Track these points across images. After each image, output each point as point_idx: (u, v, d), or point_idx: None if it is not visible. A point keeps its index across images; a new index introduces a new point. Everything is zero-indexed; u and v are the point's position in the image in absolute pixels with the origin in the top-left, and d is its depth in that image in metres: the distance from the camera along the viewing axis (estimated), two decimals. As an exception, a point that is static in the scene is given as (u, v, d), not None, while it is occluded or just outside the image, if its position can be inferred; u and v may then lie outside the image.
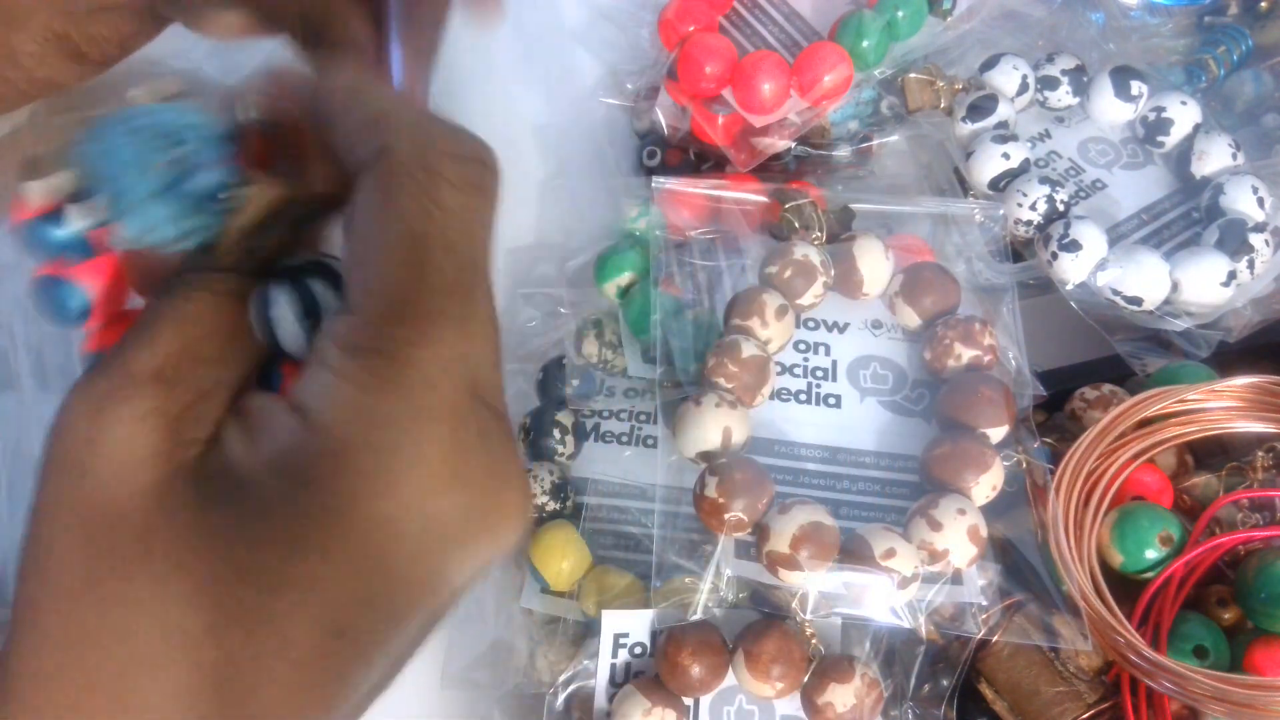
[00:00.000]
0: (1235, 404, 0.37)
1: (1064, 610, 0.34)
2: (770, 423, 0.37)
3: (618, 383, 0.42)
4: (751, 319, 0.36)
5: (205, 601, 0.18)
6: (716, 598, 0.34)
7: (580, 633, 0.37)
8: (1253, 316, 0.41)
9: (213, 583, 0.18)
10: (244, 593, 0.18)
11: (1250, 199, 0.42)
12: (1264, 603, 0.33)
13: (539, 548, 0.38)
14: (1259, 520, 0.35)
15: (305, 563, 0.18)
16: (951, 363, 0.37)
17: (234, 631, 0.18)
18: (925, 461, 0.35)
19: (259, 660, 0.18)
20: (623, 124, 0.50)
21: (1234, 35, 0.49)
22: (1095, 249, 0.41)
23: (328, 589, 0.18)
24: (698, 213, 0.41)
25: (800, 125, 0.45)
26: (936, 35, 0.47)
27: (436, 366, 0.18)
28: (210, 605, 0.18)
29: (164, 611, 0.18)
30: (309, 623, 0.18)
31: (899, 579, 0.32)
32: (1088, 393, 0.39)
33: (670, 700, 0.33)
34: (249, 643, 0.18)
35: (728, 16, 0.47)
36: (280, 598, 0.18)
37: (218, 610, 0.18)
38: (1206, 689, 0.31)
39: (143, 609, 0.18)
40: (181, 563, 0.18)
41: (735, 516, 0.33)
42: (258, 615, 0.18)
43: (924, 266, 0.38)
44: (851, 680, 0.32)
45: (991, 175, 0.43)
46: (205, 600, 0.18)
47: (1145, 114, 0.45)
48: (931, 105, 0.46)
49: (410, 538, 0.18)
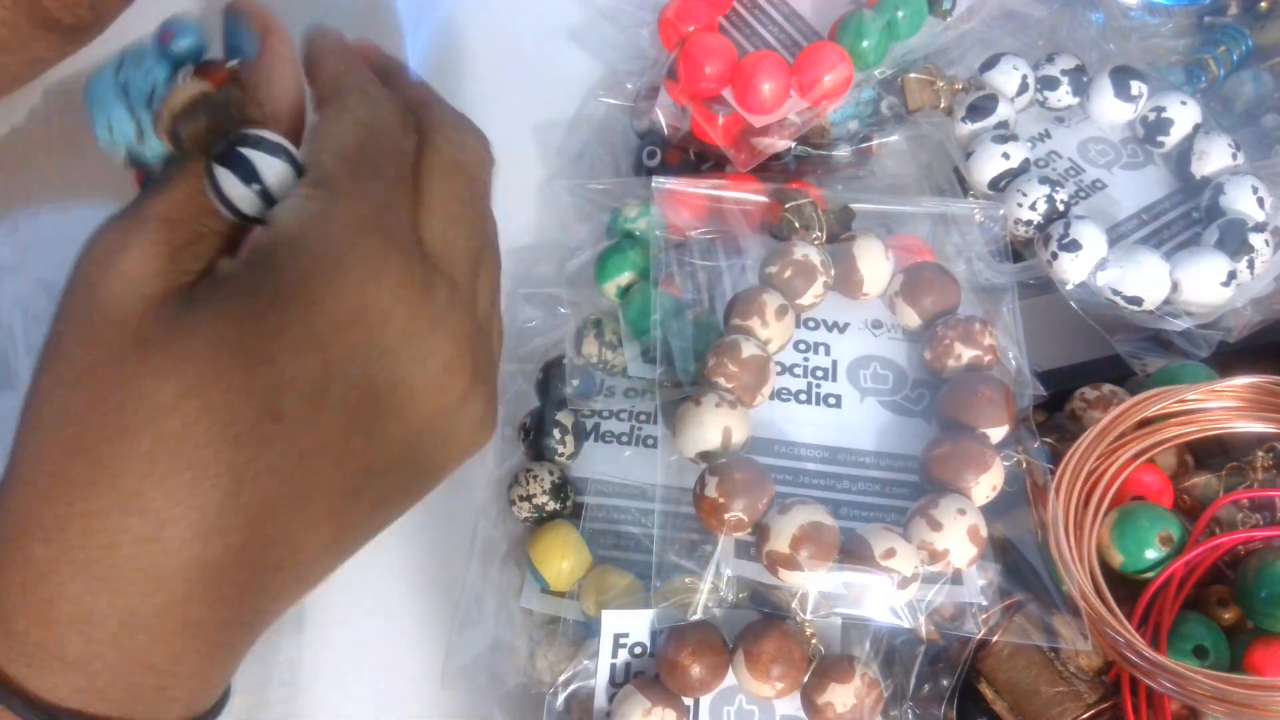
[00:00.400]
0: (1235, 404, 0.37)
1: (1064, 610, 0.34)
2: (770, 423, 0.37)
3: (618, 383, 0.42)
4: (751, 319, 0.36)
5: (191, 380, 0.21)
6: (716, 598, 0.34)
7: (580, 633, 0.37)
8: (1253, 316, 0.41)
9: (197, 360, 0.21)
10: (223, 366, 0.21)
11: (1250, 199, 0.42)
12: (1264, 602, 0.33)
13: (539, 548, 0.38)
14: (1259, 520, 0.35)
15: (254, 337, 0.21)
16: (951, 363, 0.37)
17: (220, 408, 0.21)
18: (925, 461, 0.35)
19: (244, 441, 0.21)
20: (623, 124, 0.50)
21: (1234, 35, 0.49)
22: (1095, 249, 0.41)
23: (272, 368, 0.21)
24: (698, 213, 0.41)
25: (800, 125, 0.45)
26: (936, 35, 0.47)
27: (382, 194, 0.23)
28: (195, 379, 0.21)
29: (156, 391, 0.21)
30: (256, 401, 0.21)
31: (899, 579, 0.32)
32: (1088, 393, 0.39)
33: (670, 700, 0.33)
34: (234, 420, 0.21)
35: (727, 17, 0.47)
36: (240, 371, 0.21)
37: (204, 381, 0.21)
38: (1206, 689, 0.31)
39: (138, 394, 0.21)
40: (170, 349, 0.21)
41: (735, 516, 0.33)
42: (238, 383, 0.21)
43: (924, 266, 0.38)
44: (851, 680, 0.32)
45: (991, 175, 0.43)
46: (191, 378, 0.21)
47: (1145, 114, 0.45)
48: (931, 105, 0.46)
49: (352, 321, 0.22)
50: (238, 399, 0.21)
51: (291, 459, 0.21)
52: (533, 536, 0.38)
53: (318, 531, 0.23)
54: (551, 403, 0.42)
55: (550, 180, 0.50)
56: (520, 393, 0.43)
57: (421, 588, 0.42)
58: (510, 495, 0.39)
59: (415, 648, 0.41)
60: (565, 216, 0.48)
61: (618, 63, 0.51)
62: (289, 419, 0.21)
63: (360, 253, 0.22)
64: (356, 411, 0.22)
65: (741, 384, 0.35)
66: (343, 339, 0.22)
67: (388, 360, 0.23)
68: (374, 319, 0.22)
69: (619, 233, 0.42)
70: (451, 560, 0.42)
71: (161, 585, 0.21)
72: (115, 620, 0.21)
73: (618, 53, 0.52)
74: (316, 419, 0.22)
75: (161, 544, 0.21)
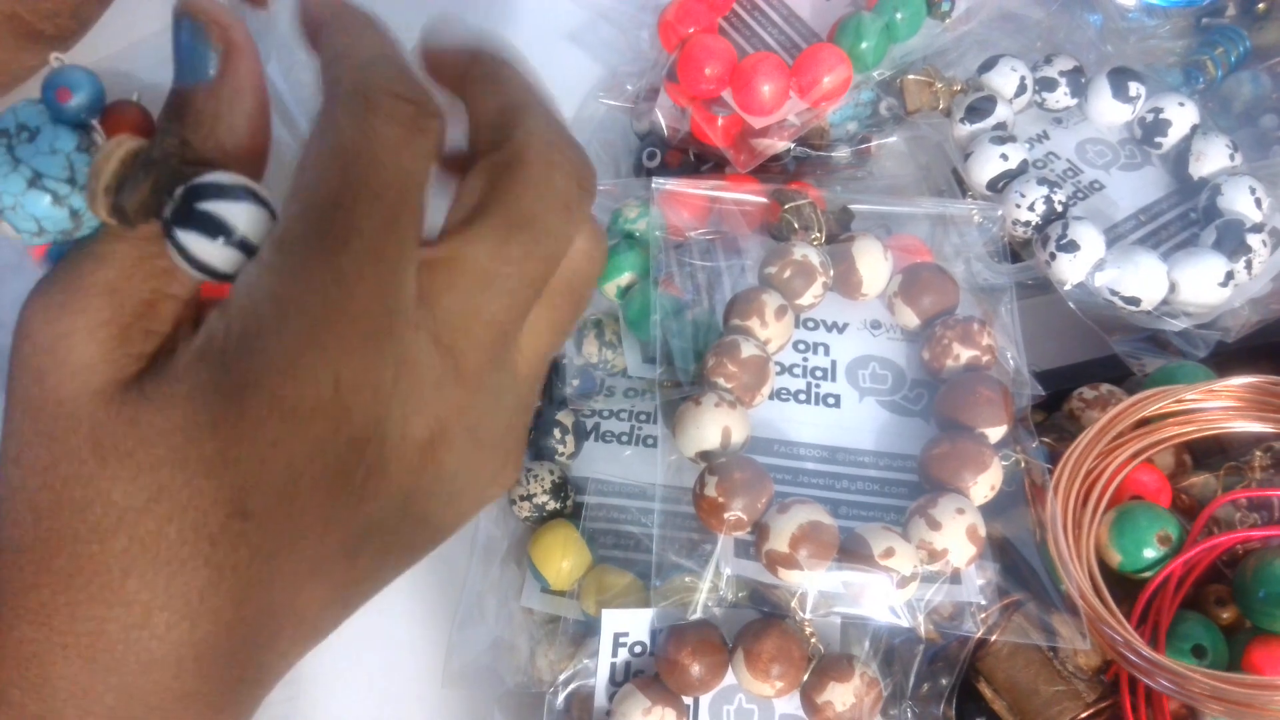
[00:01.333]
0: (1233, 404, 0.37)
1: (1062, 609, 0.34)
2: (770, 422, 0.37)
3: (618, 383, 0.42)
4: (751, 319, 0.36)
5: (157, 487, 0.20)
6: (716, 597, 0.34)
7: (580, 632, 0.37)
8: (1250, 316, 0.41)
9: (161, 467, 0.20)
10: (189, 472, 0.20)
11: (1248, 199, 0.42)
12: (1262, 602, 0.33)
13: (539, 547, 0.38)
14: (1257, 520, 0.35)
15: (216, 441, 0.20)
16: (950, 363, 0.37)
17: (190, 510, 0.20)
18: (924, 461, 0.35)
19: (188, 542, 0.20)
20: (622, 125, 0.50)
21: (1231, 36, 0.49)
22: (1093, 249, 0.41)
23: (237, 469, 0.20)
24: (697, 213, 0.41)
25: (799, 126, 0.45)
26: (935, 37, 0.47)
27: (353, 266, 0.20)
28: (161, 486, 0.20)
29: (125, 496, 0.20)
30: (224, 503, 0.20)
31: (898, 578, 0.32)
32: (1086, 393, 0.39)
33: (670, 699, 0.33)
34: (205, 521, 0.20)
35: (727, 18, 0.48)
36: (205, 477, 0.20)
37: (172, 487, 0.20)
38: (1205, 688, 0.31)
39: (105, 498, 0.20)
40: (132, 456, 0.20)
41: (735, 516, 0.33)
42: (204, 488, 0.20)
43: (923, 267, 0.38)
44: (851, 679, 0.32)
45: (990, 176, 0.43)
46: (156, 486, 0.20)
47: (1143, 115, 0.45)
48: (930, 106, 0.46)
49: (312, 414, 0.20)
50: (206, 502, 0.20)
51: (267, 549, 0.21)
52: (533, 536, 0.38)
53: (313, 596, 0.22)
54: (551, 403, 0.42)
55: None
56: (520, 393, 0.44)
57: (422, 587, 0.42)
58: (510, 495, 0.40)
59: (415, 647, 0.41)
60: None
61: (617, 64, 0.51)
62: (258, 515, 0.20)
63: (321, 342, 0.20)
64: (330, 493, 0.21)
65: (741, 384, 0.35)
66: (305, 432, 0.20)
67: (357, 445, 0.21)
68: (336, 412, 0.20)
69: (619, 233, 0.42)
70: (452, 560, 0.42)
71: (154, 665, 0.21)
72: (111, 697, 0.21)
73: (617, 54, 0.52)
74: (289, 509, 0.21)
75: (149, 629, 0.20)
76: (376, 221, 0.20)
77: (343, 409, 0.20)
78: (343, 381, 0.20)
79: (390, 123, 0.20)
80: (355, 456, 0.21)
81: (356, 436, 0.21)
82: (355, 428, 0.21)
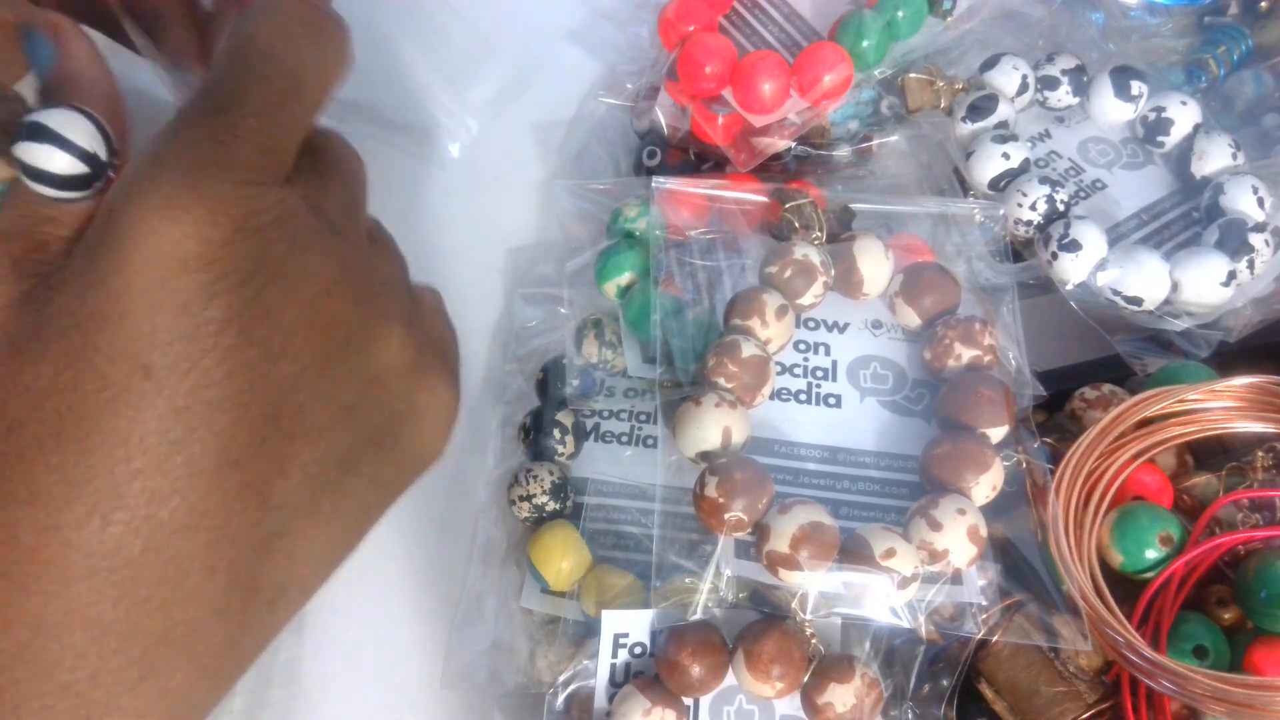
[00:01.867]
0: (1235, 404, 0.37)
1: (1064, 610, 0.34)
2: (770, 423, 0.37)
3: (618, 383, 0.42)
4: (751, 319, 0.36)
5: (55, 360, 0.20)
6: (716, 598, 0.34)
7: (580, 633, 0.37)
8: (1253, 316, 0.41)
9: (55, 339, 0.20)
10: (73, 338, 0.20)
11: (1250, 199, 0.42)
12: (1264, 602, 0.33)
13: (539, 548, 0.38)
14: (1259, 520, 0.35)
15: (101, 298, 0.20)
16: (951, 363, 0.37)
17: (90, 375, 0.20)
18: (925, 461, 0.35)
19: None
20: (623, 124, 0.50)
21: (1234, 35, 0.49)
22: (1095, 249, 0.41)
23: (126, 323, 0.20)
24: (698, 213, 0.41)
25: (800, 125, 0.45)
26: (936, 35, 0.47)
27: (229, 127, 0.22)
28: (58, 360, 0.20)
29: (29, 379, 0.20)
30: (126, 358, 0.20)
31: (899, 579, 0.32)
32: (1088, 393, 0.39)
33: (670, 700, 0.33)
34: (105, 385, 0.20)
35: (728, 16, 0.47)
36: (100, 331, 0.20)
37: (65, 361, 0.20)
38: (1206, 689, 0.31)
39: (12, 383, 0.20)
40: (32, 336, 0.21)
41: (735, 516, 0.33)
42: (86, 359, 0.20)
43: (924, 266, 0.38)
44: (851, 680, 0.32)
45: (991, 175, 0.43)
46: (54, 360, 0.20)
47: (1145, 114, 0.45)
48: (931, 105, 0.46)
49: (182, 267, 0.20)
50: (104, 363, 0.20)
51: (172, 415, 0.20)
52: (533, 536, 0.38)
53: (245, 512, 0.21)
54: (551, 403, 0.42)
55: (550, 180, 0.50)
56: (520, 393, 0.43)
57: (421, 588, 0.42)
58: (510, 495, 0.39)
59: (415, 648, 0.41)
60: (565, 216, 0.48)
61: (617, 62, 0.51)
62: (158, 372, 0.20)
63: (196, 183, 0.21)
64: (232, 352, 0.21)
65: (741, 384, 0.35)
66: (191, 280, 0.20)
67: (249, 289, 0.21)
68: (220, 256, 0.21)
69: (619, 233, 0.42)
70: (451, 560, 0.42)
71: (65, 582, 0.20)
72: (20, 626, 0.19)
73: (617, 52, 0.52)
74: (190, 367, 0.20)
75: (58, 530, 0.20)
76: (263, 97, 0.22)
77: (226, 242, 0.21)
78: (225, 218, 0.21)
79: (290, 21, 0.23)
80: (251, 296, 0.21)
81: (246, 274, 0.21)
82: (244, 265, 0.21)
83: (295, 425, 0.22)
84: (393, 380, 0.24)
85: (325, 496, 0.23)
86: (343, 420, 0.23)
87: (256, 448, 0.21)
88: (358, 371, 0.23)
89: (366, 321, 0.24)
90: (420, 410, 0.25)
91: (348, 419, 0.23)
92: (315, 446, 0.22)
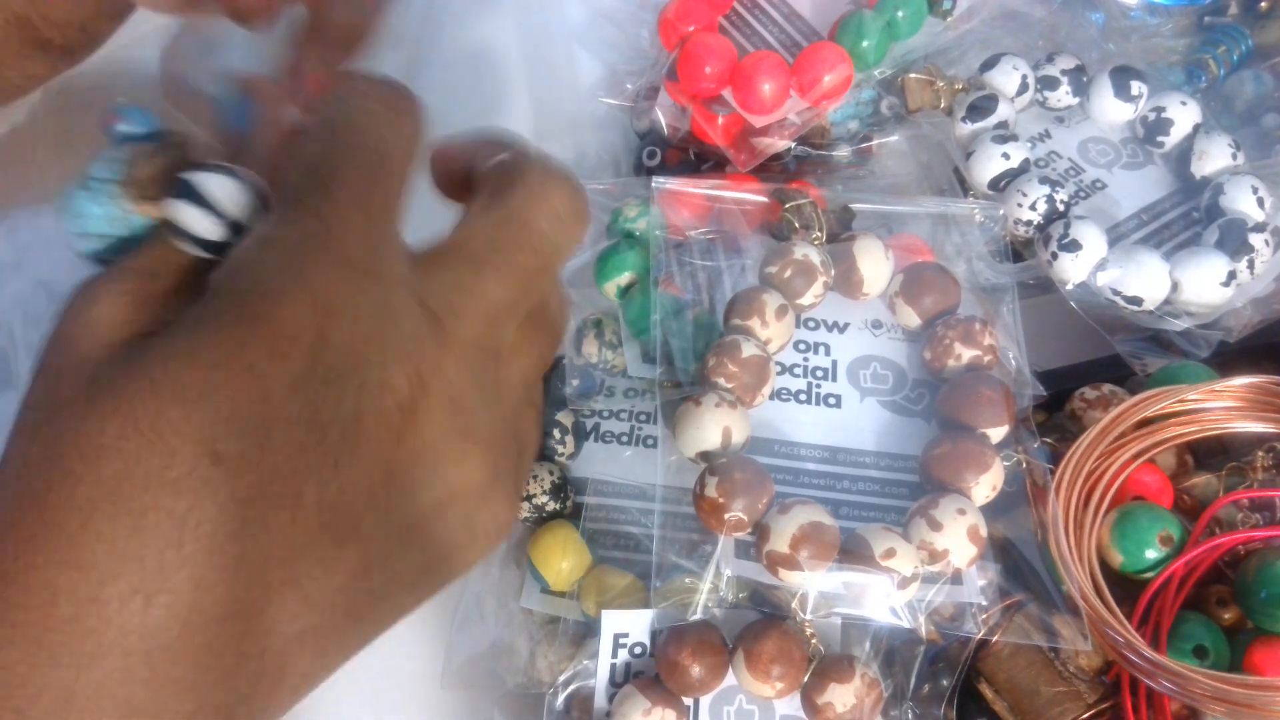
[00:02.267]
0: (1235, 404, 0.37)
1: (1064, 610, 0.34)
2: (770, 423, 0.37)
3: (618, 383, 0.42)
4: (751, 319, 0.36)
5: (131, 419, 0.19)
6: (716, 598, 0.34)
7: (580, 633, 0.37)
8: (1253, 316, 0.41)
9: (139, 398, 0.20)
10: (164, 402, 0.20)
11: (1250, 199, 0.42)
12: (1264, 602, 0.33)
13: (539, 548, 0.38)
14: (1259, 520, 0.35)
15: (192, 369, 0.20)
16: (952, 363, 0.37)
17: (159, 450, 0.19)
18: (925, 461, 0.35)
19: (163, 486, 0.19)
20: (622, 124, 0.50)
21: (1234, 35, 0.49)
22: (1095, 249, 0.41)
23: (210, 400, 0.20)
24: (698, 213, 0.41)
25: (800, 125, 0.45)
26: (936, 35, 0.47)
27: (335, 211, 0.22)
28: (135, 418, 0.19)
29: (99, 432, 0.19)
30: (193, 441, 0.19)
31: (899, 579, 0.32)
32: (1088, 393, 0.39)
33: (670, 700, 0.33)
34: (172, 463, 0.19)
35: (728, 17, 0.47)
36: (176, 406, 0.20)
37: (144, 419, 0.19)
38: (1206, 689, 0.31)
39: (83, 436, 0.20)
40: (114, 388, 0.20)
41: (735, 516, 0.33)
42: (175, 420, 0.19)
43: (924, 266, 0.38)
44: (851, 680, 0.32)
45: (991, 175, 0.43)
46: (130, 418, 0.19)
47: (1145, 114, 0.45)
48: (931, 105, 0.46)
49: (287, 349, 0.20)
50: (175, 440, 0.19)
51: (233, 507, 0.19)
52: (533, 536, 0.38)
53: (285, 606, 0.21)
54: (551, 403, 0.42)
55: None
56: (520, 393, 0.43)
57: (421, 588, 0.42)
58: (510, 495, 0.39)
59: (415, 648, 0.41)
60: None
61: (617, 62, 0.51)
62: (228, 460, 0.19)
63: (297, 273, 0.21)
64: (305, 445, 0.20)
65: (741, 384, 0.35)
66: (280, 368, 0.20)
67: (334, 383, 0.20)
68: (312, 337, 0.20)
69: (619, 233, 0.42)
70: (451, 560, 0.41)
71: (99, 657, 0.19)
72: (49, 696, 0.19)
73: (618, 53, 0.52)
74: (260, 459, 0.20)
75: (100, 603, 0.19)
76: (358, 175, 0.22)
77: (319, 336, 0.20)
78: (320, 306, 0.20)
79: (370, 100, 0.23)
80: (333, 399, 0.20)
81: (333, 371, 0.20)
82: (332, 360, 0.20)
83: (348, 533, 0.21)
84: (459, 503, 0.23)
85: (365, 602, 0.23)
86: (397, 535, 0.22)
87: (306, 549, 0.21)
88: (423, 490, 0.22)
89: (445, 443, 0.22)
90: (477, 531, 0.24)
91: (403, 534, 0.22)
92: (366, 555, 0.22)
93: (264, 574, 0.20)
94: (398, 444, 0.22)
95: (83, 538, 0.19)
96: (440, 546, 0.23)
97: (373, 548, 0.22)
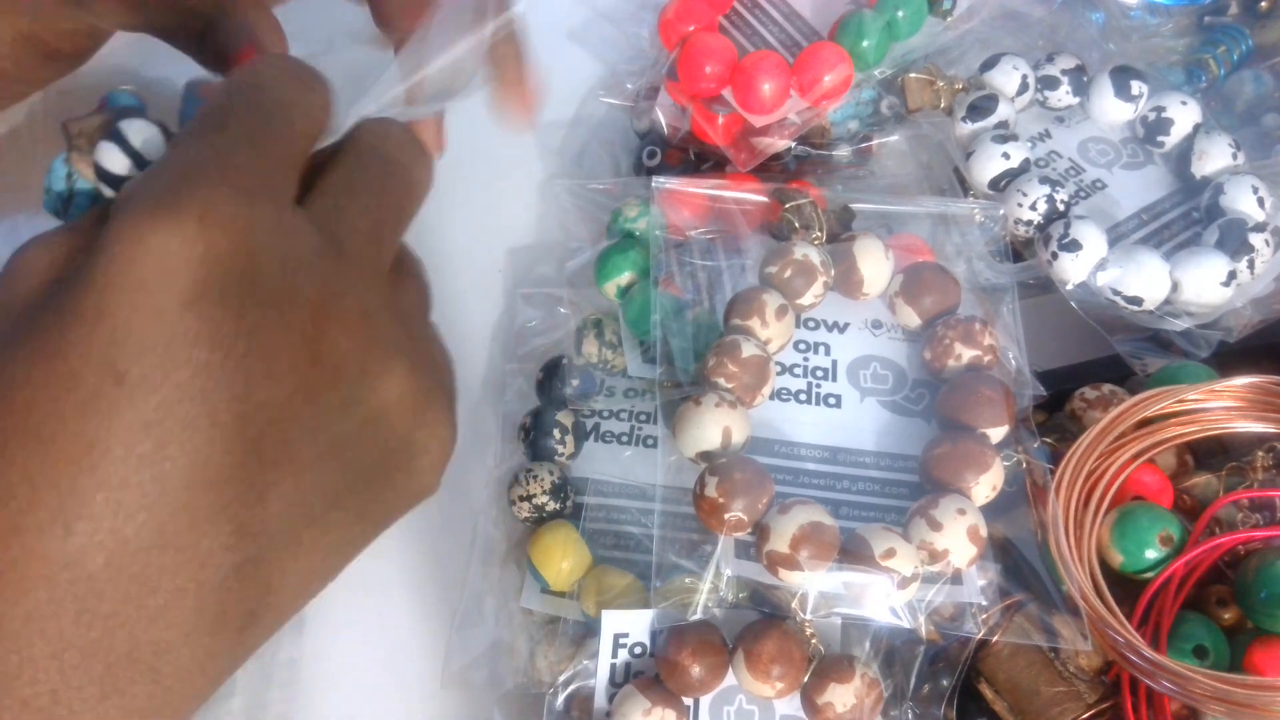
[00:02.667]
0: (1235, 404, 0.37)
1: (1064, 610, 0.34)
2: (770, 423, 0.37)
3: (618, 383, 0.42)
4: (751, 319, 0.36)
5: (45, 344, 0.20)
6: (716, 598, 0.34)
7: (580, 633, 0.37)
8: (1253, 316, 0.41)
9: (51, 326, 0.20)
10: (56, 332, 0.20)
11: (1250, 199, 0.42)
12: (1264, 602, 0.33)
13: (539, 548, 0.38)
14: (1259, 520, 0.35)
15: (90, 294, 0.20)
16: (952, 363, 0.37)
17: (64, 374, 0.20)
18: (925, 461, 0.35)
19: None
20: (622, 124, 0.50)
21: (1234, 35, 0.48)
22: (1095, 249, 0.41)
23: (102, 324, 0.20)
24: (698, 213, 0.41)
25: (800, 125, 0.45)
26: (936, 35, 0.47)
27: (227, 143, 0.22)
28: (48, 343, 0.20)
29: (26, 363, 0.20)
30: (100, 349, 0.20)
31: (899, 579, 0.32)
32: (1088, 393, 0.39)
33: (670, 700, 0.33)
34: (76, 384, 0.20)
35: (728, 16, 0.47)
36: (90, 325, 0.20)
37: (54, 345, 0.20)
38: (1206, 689, 0.31)
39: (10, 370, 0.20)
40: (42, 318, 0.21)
41: (735, 516, 0.33)
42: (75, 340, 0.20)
43: (924, 266, 0.38)
44: (851, 680, 0.32)
45: (991, 175, 0.43)
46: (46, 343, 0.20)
47: (1145, 114, 0.45)
48: (931, 105, 0.46)
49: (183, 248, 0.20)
50: (77, 362, 0.20)
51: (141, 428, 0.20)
52: (533, 536, 0.38)
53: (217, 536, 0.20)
54: (551, 403, 0.42)
55: (550, 180, 0.50)
56: (520, 393, 0.43)
57: (421, 588, 0.42)
58: (510, 495, 0.39)
59: (415, 648, 0.41)
60: (565, 216, 0.48)
61: (617, 62, 0.51)
62: (130, 380, 0.19)
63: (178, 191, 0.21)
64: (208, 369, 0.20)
65: (741, 384, 0.35)
66: (169, 283, 0.20)
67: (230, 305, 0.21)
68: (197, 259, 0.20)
69: (619, 233, 0.42)
70: (451, 560, 0.42)
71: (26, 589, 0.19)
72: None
73: (617, 52, 0.52)
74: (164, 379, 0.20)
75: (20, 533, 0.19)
76: (254, 119, 0.23)
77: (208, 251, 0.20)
78: (206, 221, 0.20)
79: (277, 69, 0.25)
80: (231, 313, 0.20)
81: (227, 285, 0.20)
82: (224, 275, 0.20)
83: (278, 453, 0.21)
84: (391, 417, 0.23)
85: (307, 529, 0.22)
86: (332, 454, 0.22)
87: (232, 471, 0.20)
88: (351, 405, 0.23)
89: (364, 353, 0.23)
90: (417, 449, 0.24)
91: (338, 453, 0.22)
92: (299, 478, 0.22)
93: (188, 500, 0.20)
94: (314, 357, 0.22)
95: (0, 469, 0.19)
96: (381, 466, 0.23)
97: (306, 470, 0.22)
